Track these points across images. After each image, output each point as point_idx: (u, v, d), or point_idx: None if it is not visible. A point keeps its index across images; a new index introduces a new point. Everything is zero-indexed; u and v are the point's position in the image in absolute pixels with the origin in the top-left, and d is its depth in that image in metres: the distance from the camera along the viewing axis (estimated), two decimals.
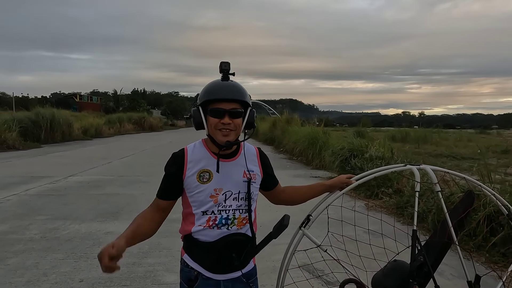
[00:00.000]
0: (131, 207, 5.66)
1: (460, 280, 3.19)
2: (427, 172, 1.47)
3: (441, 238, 1.44)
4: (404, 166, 1.52)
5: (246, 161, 1.41)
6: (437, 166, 1.53)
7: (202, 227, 1.36)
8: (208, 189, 1.35)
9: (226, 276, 1.38)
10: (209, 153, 1.40)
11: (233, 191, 1.37)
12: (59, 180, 7.90)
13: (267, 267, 3.23)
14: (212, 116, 1.33)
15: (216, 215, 1.36)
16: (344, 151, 8.48)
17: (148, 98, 69.19)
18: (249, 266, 1.43)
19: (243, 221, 1.38)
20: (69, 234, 4.31)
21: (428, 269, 1.41)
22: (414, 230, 1.38)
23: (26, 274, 3.17)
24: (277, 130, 17.54)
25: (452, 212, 1.50)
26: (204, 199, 1.35)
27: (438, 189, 1.43)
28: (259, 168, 1.47)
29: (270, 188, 1.56)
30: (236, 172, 1.39)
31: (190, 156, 1.39)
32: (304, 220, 1.55)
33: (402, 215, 5.29)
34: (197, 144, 1.45)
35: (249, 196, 1.39)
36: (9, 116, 17.38)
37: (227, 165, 1.39)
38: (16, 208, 5.51)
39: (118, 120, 31.73)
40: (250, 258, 1.39)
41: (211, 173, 1.36)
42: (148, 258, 3.61)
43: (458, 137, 28.46)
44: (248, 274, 1.43)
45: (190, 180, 1.37)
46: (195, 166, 1.37)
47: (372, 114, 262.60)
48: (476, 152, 15.78)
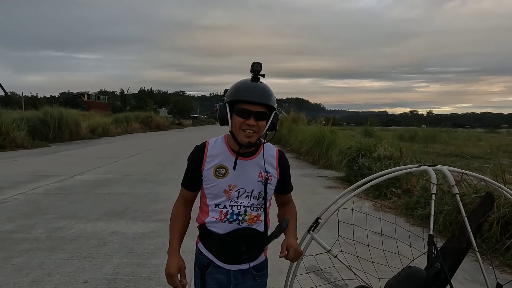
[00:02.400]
0: (136, 206, 5.63)
1: (473, 284, 3.08)
2: (444, 173, 1.39)
3: (459, 243, 1.35)
4: (419, 167, 1.44)
5: (264, 162, 1.44)
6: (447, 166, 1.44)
7: (214, 219, 1.43)
8: (222, 184, 1.41)
9: (236, 267, 1.44)
10: (228, 149, 1.45)
11: (246, 189, 1.42)
12: (66, 179, 7.92)
13: (273, 269, 3.15)
14: (238, 115, 1.37)
15: (228, 210, 1.42)
16: (351, 151, 8.37)
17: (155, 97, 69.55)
18: (259, 259, 1.49)
19: (254, 218, 1.44)
20: (74, 233, 4.29)
21: (446, 276, 1.33)
22: (431, 235, 1.30)
23: (30, 274, 3.15)
24: (284, 129, 17.43)
25: (470, 215, 1.41)
26: (218, 193, 1.42)
27: (456, 191, 1.34)
28: (276, 170, 1.49)
29: (279, 192, 1.56)
30: (252, 171, 1.43)
31: (210, 151, 1.45)
32: (312, 224, 1.47)
33: (411, 216, 5.17)
34: (219, 139, 1.50)
35: (265, 197, 1.44)
36: (18, 116, 17.54)
37: (245, 164, 1.43)
38: (23, 206, 5.52)
39: (125, 119, 31.90)
40: (257, 252, 1.45)
41: (227, 169, 1.42)
42: (153, 258, 3.56)
43: (467, 136, 28.06)
44: (258, 267, 1.48)
45: (207, 173, 1.43)
46: (213, 161, 1.43)
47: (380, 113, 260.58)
48: (486, 151, 15.51)
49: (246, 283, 1.46)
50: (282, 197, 1.58)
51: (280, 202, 1.62)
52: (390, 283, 1.39)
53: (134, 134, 28.43)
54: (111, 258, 3.54)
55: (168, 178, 8.21)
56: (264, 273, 1.52)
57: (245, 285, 1.46)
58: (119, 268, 3.31)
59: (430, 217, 1.29)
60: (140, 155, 13.40)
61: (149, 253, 3.71)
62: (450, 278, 1.36)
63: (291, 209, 1.60)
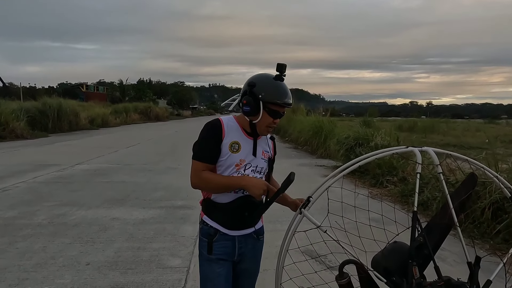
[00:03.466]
0: (137, 194, 5.72)
1: (463, 265, 3.18)
2: (429, 153, 1.46)
3: (442, 220, 1.43)
4: (405, 148, 1.51)
5: (264, 144, 1.68)
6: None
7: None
8: (235, 158, 1.57)
9: (240, 232, 1.62)
10: (241, 129, 1.61)
11: (252, 164, 1.61)
12: (66, 168, 8.00)
13: (270, 252, 3.24)
14: (270, 115, 1.54)
15: None
16: (349, 140, 8.45)
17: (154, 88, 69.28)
18: (258, 225, 1.69)
19: None
20: (76, 219, 4.38)
21: (428, 250, 1.41)
22: (415, 211, 1.37)
23: (34, 257, 3.24)
24: (283, 120, 17.47)
25: (454, 194, 1.48)
26: (230, 164, 1.57)
27: (439, 170, 1.41)
28: (272, 151, 1.74)
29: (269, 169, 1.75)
30: (258, 150, 1.63)
31: (226, 127, 1.58)
32: (304, 202, 1.54)
33: (406, 203, 5.28)
34: (230, 118, 1.64)
35: (269, 171, 1.69)
36: (17, 106, 17.54)
37: (252, 143, 1.62)
38: (24, 194, 5.61)
39: (124, 110, 31.86)
40: (260, 214, 1.60)
41: (240, 145, 1.59)
42: (153, 243, 3.66)
43: (466, 127, 28.14)
44: (258, 231, 1.69)
45: (224, 147, 1.56)
46: (228, 136, 1.57)
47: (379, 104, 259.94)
48: (484, 141, 15.60)
49: (248, 246, 1.65)
50: (269, 173, 1.77)
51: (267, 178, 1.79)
52: (376, 257, 1.47)
53: (133, 125, 28.46)
54: (112, 243, 3.64)
55: (167, 168, 8.29)
56: (262, 238, 1.74)
57: (247, 248, 1.65)
58: (120, 252, 3.41)
59: (415, 194, 1.37)
60: (140, 145, 13.47)
61: (149, 238, 3.81)
62: (433, 253, 1.45)
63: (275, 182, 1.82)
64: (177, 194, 5.77)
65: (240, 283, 1.69)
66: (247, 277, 1.70)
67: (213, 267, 1.58)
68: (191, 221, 4.36)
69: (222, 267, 1.59)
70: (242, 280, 1.69)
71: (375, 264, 1.45)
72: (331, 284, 1.51)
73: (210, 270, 1.59)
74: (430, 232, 1.50)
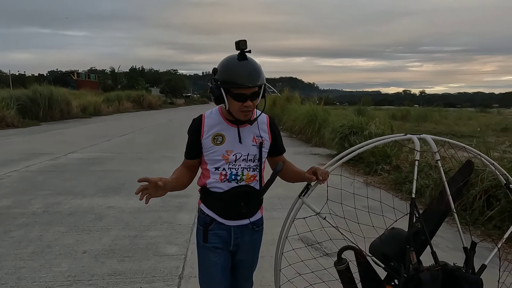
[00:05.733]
0: (132, 183, 5.70)
1: (455, 252, 3.25)
2: (427, 140, 1.47)
3: (439, 206, 1.45)
4: (404, 136, 1.52)
5: (259, 128, 1.57)
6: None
7: (215, 180, 1.54)
8: (220, 150, 1.53)
9: (236, 223, 1.57)
10: (224, 119, 1.55)
11: (242, 153, 1.54)
12: (59, 157, 7.92)
13: (266, 240, 3.26)
14: (235, 99, 1.44)
15: (227, 171, 1.53)
16: (343, 128, 8.47)
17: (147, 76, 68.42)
18: (256, 216, 1.62)
19: (251, 178, 1.55)
20: (71, 208, 4.37)
21: (425, 236, 1.43)
22: (413, 198, 1.39)
23: (30, 246, 3.23)
24: (277, 108, 17.44)
25: (450, 181, 1.51)
26: (217, 158, 1.53)
27: (437, 157, 1.43)
28: (269, 134, 1.62)
29: (273, 154, 1.67)
30: (247, 137, 1.55)
31: (206, 121, 1.57)
32: (303, 189, 1.56)
33: (400, 191, 5.35)
34: (214, 111, 1.59)
35: (260, 158, 1.57)
36: (6, 94, 17.20)
37: (240, 131, 1.55)
38: (17, 183, 5.56)
39: (116, 98, 31.47)
40: (255, 204, 1.57)
41: (224, 136, 1.53)
42: (149, 231, 3.67)
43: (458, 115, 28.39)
44: (256, 223, 1.62)
45: (206, 141, 1.54)
46: (210, 130, 1.54)
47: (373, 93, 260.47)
48: (476, 130, 15.80)
49: (245, 237, 1.60)
50: (276, 159, 1.69)
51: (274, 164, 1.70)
52: (374, 243, 1.50)
53: (126, 113, 28.17)
54: (108, 231, 3.64)
55: (162, 156, 8.26)
56: (261, 229, 1.68)
57: (243, 239, 1.60)
58: (117, 240, 3.41)
59: (413, 181, 1.38)
60: (133, 134, 13.36)
61: (145, 226, 3.82)
62: (430, 240, 1.47)
63: (290, 164, 1.73)
64: None
65: (237, 274, 1.67)
66: (243, 269, 1.67)
67: (209, 256, 1.57)
68: (187, 209, 4.37)
69: (219, 256, 1.56)
70: (238, 271, 1.66)
71: (373, 250, 1.48)
72: (330, 270, 1.53)
73: (206, 259, 1.58)
74: (427, 219, 1.53)
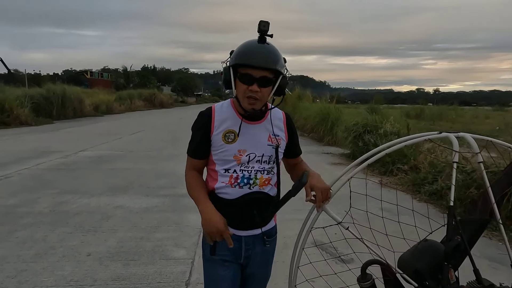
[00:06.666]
0: (140, 181, 5.60)
1: (482, 260, 3.02)
2: (466, 139, 1.27)
3: (482, 214, 1.25)
4: (439, 134, 1.32)
5: (272, 125, 1.39)
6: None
7: (224, 184, 1.37)
8: (232, 149, 1.35)
9: (247, 233, 1.41)
10: (236, 113, 1.38)
11: (256, 153, 1.37)
12: (70, 155, 7.90)
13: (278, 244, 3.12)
14: (241, 81, 1.28)
15: (238, 174, 1.36)
16: (357, 127, 8.22)
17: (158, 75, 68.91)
18: (270, 225, 1.46)
19: (265, 181, 1.39)
20: (78, 208, 4.27)
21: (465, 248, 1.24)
22: (451, 206, 1.20)
23: (34, 247, 3.13)
24: (289, 106, 17.21)
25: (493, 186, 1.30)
26: (228, 158, 1.36)
27: (480, 159, 1.23)
28: (285, 133, 1.45)
29: (288, 156, 1.51)
30: (261, 135, 1.38)
31: (217, 115, 1.38)
32: None
33: (418, 192, 5.10)
34: (225, 103, 1.43)
35: (277, 160, 1.40)
36: (21, 93, 17.44)
37: (253, 128, 1.38)
38: (26, 181, 5.51)
39: (128, 96, 31.69)
40: (271, 215, 1.41)
41: (236, 134, 1.36)
42: (156, 232, 3.53)
43: (474, 114, 27.66)
44: (268, 232, 1.46)
45: (216, 139, 1.37)
46: (221, 125, 1.37)
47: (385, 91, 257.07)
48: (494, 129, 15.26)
49: (256, 248, 1.43)
50: (291, 161, 1.54)
51: (290, 167, 1.58)
52: (405, 257, 1.31)
53: (138, 112, 28.33)
54: (114, 232, 3.52)
55: (171, 154, 8.16)
56: (274, 239, 1.51)
57: (255, 251, 1.43)
58: (122, 242, 3.29)
59: (451, 187, 1.19)
60: (144, 132, 13.34)
61: (152, 227, 3.69)
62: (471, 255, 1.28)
63: (303, 163, 1.56)
64: (182, 181, 5.58)
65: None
66: (255, 283, 1.49)
67: (216, 269, 1.40)
68: (196, 210, 4.15)
69: (228, 270, 1.39)
70: (249, 286, 1.48)
71: (403, 265, 1.28)
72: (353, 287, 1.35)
73: (213, 272, 1.41)
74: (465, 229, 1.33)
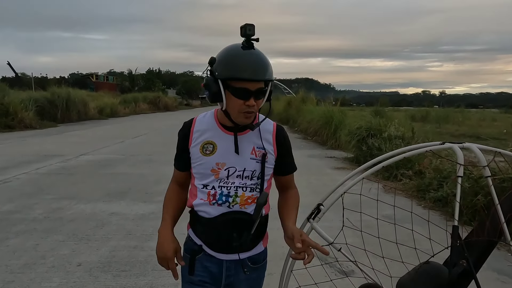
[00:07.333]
0: (139, 187, 5.51)
1: (490, 272, 2.87)
2: (473, 150, 1.15)
3: (490, 235, 1.13)
4: (442, 144, 1.20)
5: (259, 137, 1.26)
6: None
7: (202, 201, 1.26)
8: (210, 162, 1.24)
9: (229, 257, 1.27)
10: (217, 124, 1.28)
11: (237, 167, 1.24)
12: (71, 159, 7.85)
13: (275, 254, 2.96)
14: (236, 96, 1.15)
15: (216, 191, 1.24)
16: (361, 131, 8.07)
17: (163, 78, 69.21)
18: (258, 249, 1.31)
19: (247, 200, 1.24)
20: (73, 214, 4.18)
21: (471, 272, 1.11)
22: (455, 226, 1.08)
23: (24, 257, 3.04)
24: (292, 110, 17.10)
25: (504, 202, 1.17)
26: (205, 172, 1.25)
27: (488, 173, 1.10)
28: (273, 147, 1.29)
29: (278, 173, 1.35)
30: (244, 148, 1.25)
31: (197, 125, 1.30)
32: (313, 211, 1.26)
33: (423, 199, 4.94)
34: (208, 114, 1.33)
35: (263, 176, 1.26)
36: (26, 96, 17.54)
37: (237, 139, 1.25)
38: (24, 186, 5.45)
39: (133, 99, 31.78)
40: (248, 241, 1.24)
41: (215, 145, 1.25)
42: (151, 241, 3.43)
43: (481, 116, 27.28)
44: (255, 258, 1.30)
45: (194, 150, 1.28)
46: (200, 136, 1.28)
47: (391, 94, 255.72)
48: (502, 132, 14.99)
49: (239, 275, 1.28)
50: (280, 179, 1.37)
51: (279, 185, 1.41)
52: (404, 281, 1.18)
53: (142, 115, 28.38)
54: (108, 241, 3.42)
55: (173, 159, 8.07)
56: (261, 266, 1.34)
57: (238, 278, 1.28)
58: (115, 251, 3.19)
59: (456, 205, 1.07)
60: (147, 135, 13.30)
61: (147, 235, 3.58)
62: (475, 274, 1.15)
63: (291, 196, 1.37)
64: None
65: None
66: None
67: None
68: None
69: None
70: None
71: None
72: None
73: None
74: (471, 249, 1.20)
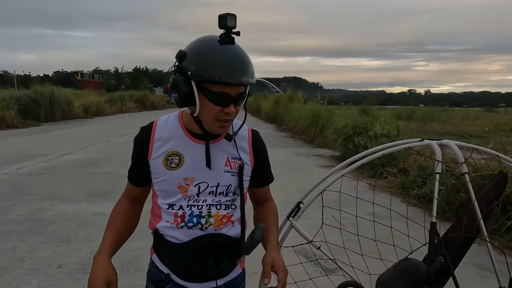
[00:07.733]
0: (123, 186, 5.38)
1: (471, 267, 2.92)
2: (450, 147, 1.15)
3: (468, 231, 1.13)
4: (420, 141, 1.20)
5: (234, 146, 1.09)
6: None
7: (168, 224, 1.07)
8: (176, 177, 1.04)
9: (201, 285, 1.09)
10: (183, 130, 1.07)
11: (209, 183, 1.06)
12: (53, 159, 7.67)
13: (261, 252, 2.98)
14: (212, 102, 0.96)
15: (185, 211, 1.05)
16: (347, 129, 8.13)
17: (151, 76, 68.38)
18: (235, 272, 1.14)
19: (223, 219, 1.07)
20: (54, 215, 4.08)
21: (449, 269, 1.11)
22: (433, 222, 1.08)
23: (1, 259, 2.95)
24: (280, 108, 17.12)
25: (480, 199, 1.18)
26: (170, 189, 1.05)
27: (465, 170, 1.11)
28: (250, 156, 1.12)
29: (255, 184, 1.18)
30: (217, 159, 1.06)
31: (158, 132, 1.09)
32: (293, 209, 1.24)
33: (407, 196, 5.00)
34: (172, 117, 1.13)
35: (241, 191, 1.09)
36: (7, 94, 17.06)
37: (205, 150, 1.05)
38: (3, 187, 5.29)
39: (119, 98, 31.31)
40: (228, 267, 1.10)
41: (182, 157, 1.05)
42: (134, 241, 3.30)
43: (465, 115, 27.89)
44: (231, 283, 1.13)
45: (155, 163, 1.07)
46: (163, 146, 1.07)
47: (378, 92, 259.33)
48: (484, 130, 15.35)
49: None
50: (256, 191, 1.20)
51: (255, 198, 1.24)
52: (383, 278, 1.18)
53: (129, 113, 27.97)
54: (89, 242, 3.34)
55: None
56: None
57: None
58: None
59: (434, 201, 1.07)
60: (133, 134, 12.93)
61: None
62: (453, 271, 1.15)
63: (269, 210, 1.21)
64: None
65: None
66: None
67: None
68: None
69: None
70: None
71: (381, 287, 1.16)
72: None
73: None
74: (449, 247, 1.20)
